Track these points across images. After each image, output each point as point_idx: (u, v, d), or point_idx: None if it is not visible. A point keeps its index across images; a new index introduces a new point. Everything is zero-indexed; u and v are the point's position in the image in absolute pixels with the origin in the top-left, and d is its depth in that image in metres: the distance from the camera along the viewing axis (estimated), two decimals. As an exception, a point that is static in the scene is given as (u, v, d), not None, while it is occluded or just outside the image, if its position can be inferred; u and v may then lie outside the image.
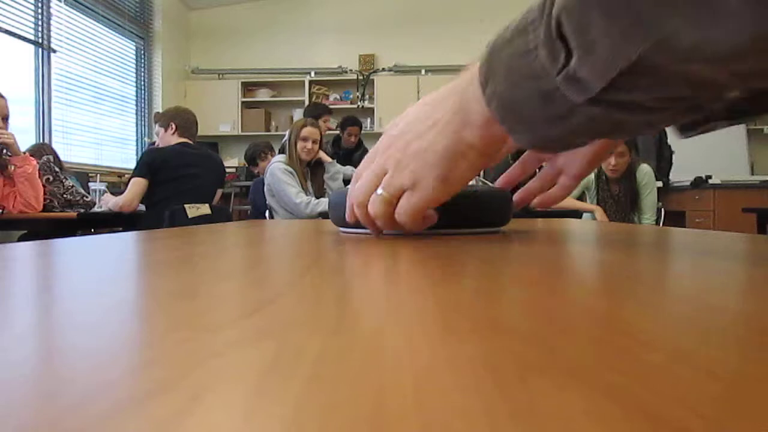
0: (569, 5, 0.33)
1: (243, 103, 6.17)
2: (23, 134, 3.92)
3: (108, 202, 2.75)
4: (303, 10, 6.25)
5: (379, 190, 0.53)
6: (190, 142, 2.91)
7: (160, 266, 0.40)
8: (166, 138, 2.89)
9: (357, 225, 0.76)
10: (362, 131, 4.80)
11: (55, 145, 4.12)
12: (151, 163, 2.71)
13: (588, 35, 0.33)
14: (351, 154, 4.62)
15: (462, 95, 0.47)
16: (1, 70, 3.85)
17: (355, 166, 3.54)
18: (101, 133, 4.98)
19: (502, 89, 0.41)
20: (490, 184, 0.86)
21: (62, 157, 3.71)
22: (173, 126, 2.87)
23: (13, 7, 3.93)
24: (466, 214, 0.73)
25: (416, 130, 0.51)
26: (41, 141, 4.11)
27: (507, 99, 0.41)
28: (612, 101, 0.35)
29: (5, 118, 2.40)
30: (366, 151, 4.82)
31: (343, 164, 3.15)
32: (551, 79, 0.36)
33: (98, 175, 3.63)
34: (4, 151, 2.40)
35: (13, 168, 2.41)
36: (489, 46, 0.42)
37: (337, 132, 4.77)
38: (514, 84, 0.39)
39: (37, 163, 2.55)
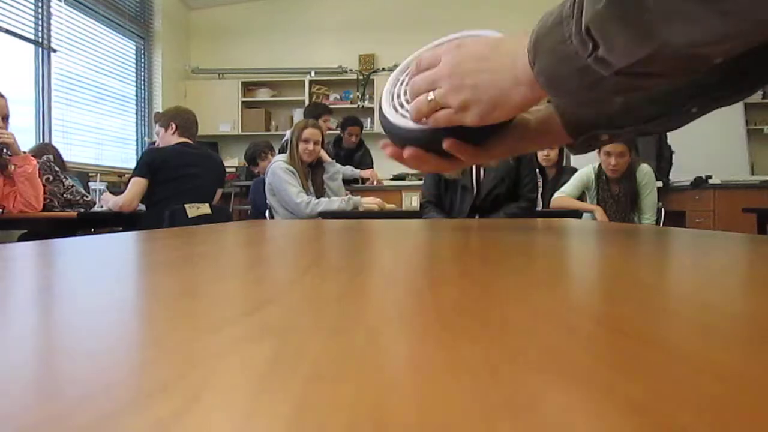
0: (594, 18, 0.46)
1: (243, 102, 6.16)
2: (23, 134, 3.92)
3: (108, 202, 2.75)
4: (303, 10, 6.25)
5: (431, 95, 0.65)
6: (191, 141, 2.91)
7: (161, 266, 0.40)
8: (167, 138, 2.88)
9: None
10: (363, 131, 4.79)
11: (55, 145, 4.13)
12: (151, 163, 2.70)
13: (609, 38, 0.46)
14: (352, 154, 4.61)
15: (513, 63, 0.58)
16: (2, 69, 3.84)
17: (356, 167, 3.52)
18: (101, 132, 4.97)
19: (547, 67, 0.53)
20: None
21: (63, 157, 3.71)
22: (173, 126, 2.87)
23: (13, 6, 3.93)
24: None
25: (475, 66, 0.62)
26: (41, 141, 4.11)
27: (551, 75, 0.53)
28: (631, 73, 0.48)
29: (5, 118, 2.39)
30: (367, 151, 4.81)
31: (344, 164, 3.15)
32: (584, 59, 0.49)
33: (98, 174, 3.63)
34: (4, 150, 2.40)
35: (13, 168, 2.40)
36: (533, 34, 0.54)
37: (338, 132, 4.77)
38: (556, 63, 0.52)
39: (38, 162, 2.54)
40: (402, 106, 0.75)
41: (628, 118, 0.71)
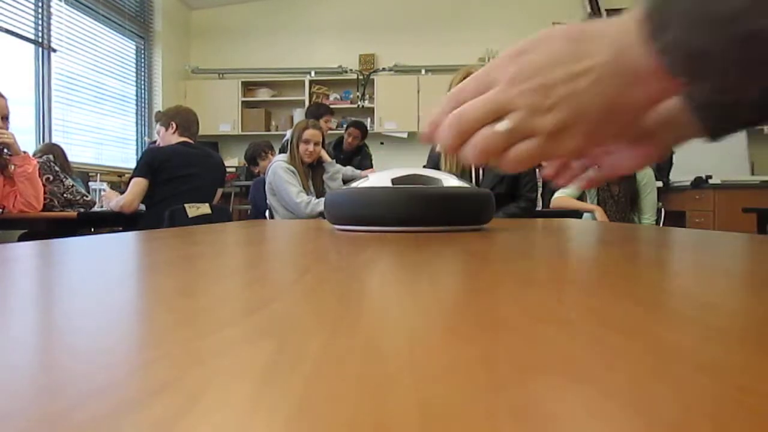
0: None
1: (243, 102, 6.17)
2: (24, 134, 3.92)
3: (110, 201, 2.75)
4: (303, 10, 6.25)
5: (505, 124, 0.45)
6: (191, 141, 2.90)
7: (161, 266, 0.40)
8: (167, 137, 2.87)
9: (352, 222, 0.81)
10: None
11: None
12: (151, 162, 2.70)
13: None
14: (351, 158, 4.59)
15: (618, 50, 0.42)
16: (2, 69, 3.84)
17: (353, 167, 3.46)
18: (101, 132, 4.97)
19: (685, 37, 0.37)
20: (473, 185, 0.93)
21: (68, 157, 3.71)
22: (174, 125, 2.86)
23: (13, 6, 3.92)
24: (453, 212, 0.82)
25: (563, 71, 0.44)
26: (41, 141, 4.10)
27: (692, 46, 0.37)
28: None
29: (5, 118, 2.39)
30: (367, 156, 4.79)
31: (343, 164, 3.14)
32: (753, 20, 0.34)
33: (98, 174, 3.62)
34: (5, 150, 2.40)
35: (13, 168, 2.40)
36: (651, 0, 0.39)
37: (341, 133, 4.75)
38: (702, 30, 0.37)
39: (38, 162, 2.54)
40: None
41: None
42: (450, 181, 0.87)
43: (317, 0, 6.25)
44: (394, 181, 0.82)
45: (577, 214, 2.92)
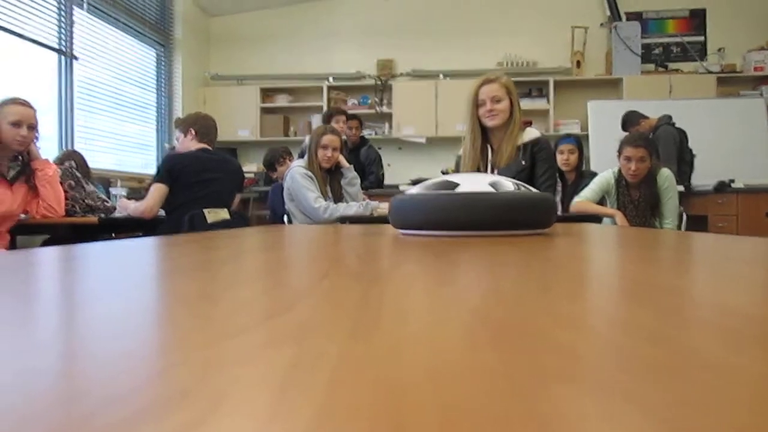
0: None
1: (262, 108, 6.20)
2: (47, 141, 3.97)
3: (127, 208, 2.78)
4: (321, 16, 6.28)
5: None
6: (210, 147, 2.93)
7: (183, 270, 0.40)
8: (186, 143, 2.90)
9: (418, 227, 0.85)
10: (380, 135, 4.76)
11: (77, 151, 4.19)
12: (171, 169, 2.72)
13: None
14: (359, 149, 4.56)
15: None
16: (26, 77, 3.91)
17: (365, 163, 3.47)
18: (122, 138, 5.03)
19: None
20: (533, 189, 0.98)
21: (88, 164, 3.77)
22: (193, 131, 2.89)
23: (37, 16, 4.00)
24: (516, 216, 0.86)
25: None
26: (64, 147, 4.16)
27: None
28: None
29: (33, 127, 2.44)
30: (373, 147, 4.76)
31: (349, 161, 3.12)
32: None
33: (118, 180, 3.66)
34: (25, 156, 2.45)
35: (35, 172, 2.45)
36: None
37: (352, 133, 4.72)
38: None
39: (59, 168, 2.58)
40: None
41: None
42: (506, 185, 0.91)
43: (335, 6, 6.28)
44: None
45: (597, 218, 2.90)
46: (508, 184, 0.91)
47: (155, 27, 5.51)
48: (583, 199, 3.07)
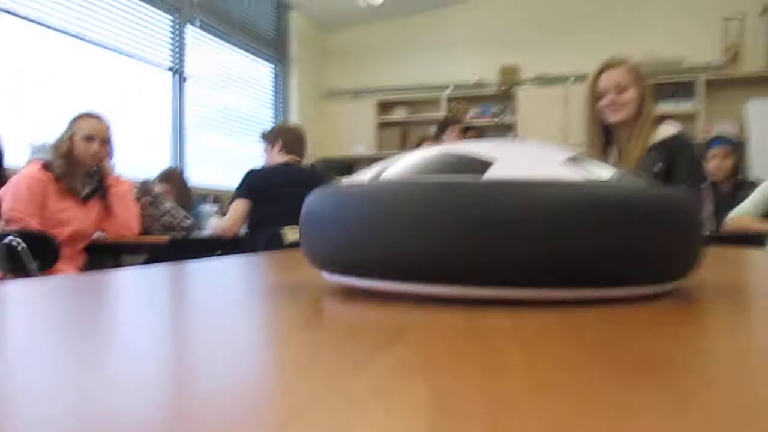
0: None
1: (378, 122, 6.00)
2: (159, 158, 3.98)
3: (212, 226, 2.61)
4: (437, 25, 5.96)
5: None
6: (298, 159, 2.71)
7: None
8: (273, 156, 2.73)
9: (365, 268, 0.37)
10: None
11: (189, 168, 4.17)
12: (251, 183, 2.54)
13: None
14: None
15: None
16: (141, 96, 3.95)
17: None
18: (236, 155, 5.01)
19: None
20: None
21: (195, 180, 3.72)
22: (280, 143, 2.70)
23: (151, 36, 4.05)
24: (620, 246, 0.32)
25: None
26: (176, 163, 4.17)
27: None
28: None
29: (106, 141, 2.34)
30: None
31: None
32: None
33: (212, 197, 3.56)
34: (99, 173, 2.35)
35: (109, 189, 2.35)
36: None
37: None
38: None
39: (136, 185, 2.47)
40: None
41: None
42: (599, 172, 0.41)
43: (451, 13, 5.92)
44: None
45: (759, 239, 2.26)
46: (606, 171, 0.37)
47: (271, 44, 5.50)
48: (743, 214, 2.43)
